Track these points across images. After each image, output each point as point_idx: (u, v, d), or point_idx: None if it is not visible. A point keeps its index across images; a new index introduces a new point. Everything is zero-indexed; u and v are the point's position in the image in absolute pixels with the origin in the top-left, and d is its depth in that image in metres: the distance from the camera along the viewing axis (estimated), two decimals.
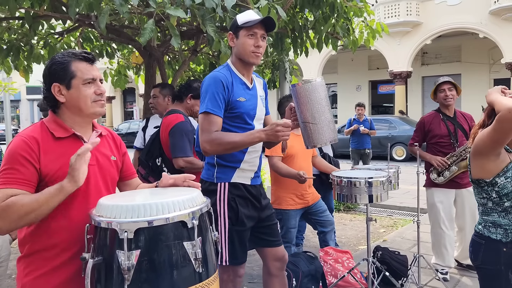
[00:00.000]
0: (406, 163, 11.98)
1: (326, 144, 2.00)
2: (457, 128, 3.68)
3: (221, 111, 2.14)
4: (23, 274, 1.51)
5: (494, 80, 17.52)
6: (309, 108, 1.95)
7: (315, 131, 1.96)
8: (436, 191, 3.73)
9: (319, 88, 1.97)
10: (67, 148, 1.53)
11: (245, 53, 2.17)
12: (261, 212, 2.39)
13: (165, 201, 1.37)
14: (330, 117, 1.98)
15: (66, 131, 1.55)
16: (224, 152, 2.15)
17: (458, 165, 3.58)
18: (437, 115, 3.77)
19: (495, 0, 14.46)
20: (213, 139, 2.08)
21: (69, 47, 5.33)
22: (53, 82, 1.54)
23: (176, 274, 1.34)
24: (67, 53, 1.58)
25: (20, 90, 13.83)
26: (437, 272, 3.60)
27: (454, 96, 3.68)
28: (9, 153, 1.46)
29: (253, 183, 2.35)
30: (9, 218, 1.38)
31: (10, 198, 1.39)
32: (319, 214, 3.58)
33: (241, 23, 2.15)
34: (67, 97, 1.55)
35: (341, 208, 6.66)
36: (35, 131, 1.52)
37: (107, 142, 1.71)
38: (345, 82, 21.59)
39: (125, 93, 28.24)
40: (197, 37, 4.58)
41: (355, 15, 4.71)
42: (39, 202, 1.39)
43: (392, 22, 16.26)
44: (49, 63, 1.56)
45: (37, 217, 1.42)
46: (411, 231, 5.14)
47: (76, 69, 1.55)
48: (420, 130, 3.82)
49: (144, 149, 3.23)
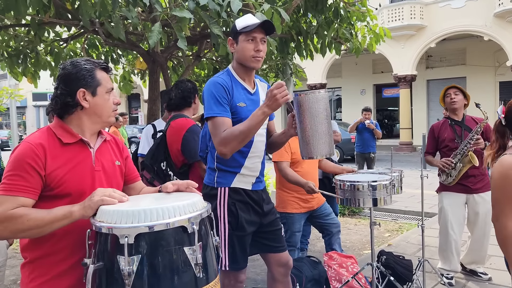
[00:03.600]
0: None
1: (322, 157, 1.98)
2: (464, 130, 3.67)
3: (227, 112, 2.12)
4: (28, 280, 1.51)
5: (499, 82, 17.44)
6: (308, 119, 1.94)
7: (312, 143, 1.95)
8: (446, 195, 3.71)
9: (321, 101, 1.95)
10: (74, 154, 1.55)
11: (246, 58, 2.16)
12: (263, 218, 2.37)
13: (165, 206, 1.37)
14: (328, 130, 1.96)
15: (74, 136, 1.56)
16: (241, 145, 2.08)
17: (462, 161, 3.57)
18: (445, 121, 3.79)
19: (500, 3, 14.40)
20: (224, 138, 2.05)
21: (74, 53, 5.38)
22: (80, 87, 1.55)
23: (177, 279, 1.34)
24: (88, 60, 1.60)
25: (26, 96, 13.96)
26: (442, 277, 3.57)
27: (460, 100, 3.68)
28: (15, 159, 1.46)
29: (255, 188, 2.33)
30: (12, 228, 1.39)
31: (19, 208, 1.40)
32: (324, 218, 3.57)
33: (240, 28, 2.14)
34: (91, 103, 1.57)
35: (345, 213, 6.64)
36: (42, 137, 1.52)
37: (111, 147, 1.72)
38: (350, 86, 21.57)
39: (130, 98, 28.41)
40: (201, 42, 4.61)
41: (358, 20, 4.72)
42: (44, 221, 1.40)
43: (396, 26, 16.26)
44: (74, 68, 1.55)
45: (38, 234, 1.43)
46: (416, 235, 5.11)
47: (101, 78, 1.59)
48: (431, 138, 3.84)
49: (149, 153, 3.22)
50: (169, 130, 3.09)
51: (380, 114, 21.70)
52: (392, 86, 19.99)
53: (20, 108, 28.04)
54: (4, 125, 32.78)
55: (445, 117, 3.85)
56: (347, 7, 4.51)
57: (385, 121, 23.82)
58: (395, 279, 3.21)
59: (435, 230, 3.83)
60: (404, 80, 17.19)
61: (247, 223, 2.28)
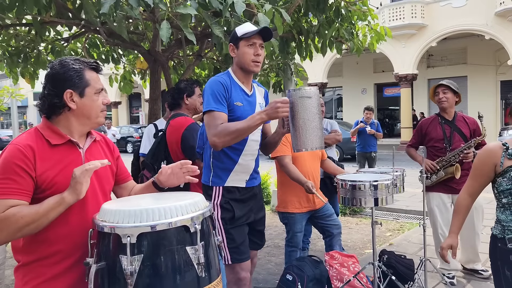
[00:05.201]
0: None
1: (312, 149, 2.08)
2: (454, 131, 3.64)
3: (225, 108, 2.25)
4: (22, 282, 1.49)
5: (500, 82, 17.41)
6: (300, 113, 2.04)
7: (303, 136, 2.05)
8: (432, 195, 3.72)
9: (312, 96, 2.06)
10: (64, 155, 1.52)
11: (246, 62, 2.31)
12: (256, 214, 2.52)
13: (167, 206, 1.37)
14: (319, 125, 2.07)
15: (62, 137, 1.53)
16: (234, 141, 2.21)
17: (445, 170, 3.57)
18: (436, 118, 3.75)
19: (501, 2, 14.38)
20: (220, 131, 2.16)
21: (75, 53, 5.37)
22: (67, 88, 1.51)
23: (179, 278, 1.34)
24: (77, 60, 1.57)
25: (27, 96, 13.96)
26: (443, 277, 3.56)
27: (448, 99, 3.62)
28: (3, 162, 1.41)
29: (249, 185, 2.45)
30: (7, 229, 1.37)
31: (9, 209, 1.38)
32: (326, 218, 3.56)
33: (240, 34, 2.29)
34: (78, 104, 1.54)
35: (347, 212, 6.64)
36: (30, 138, 1.49)
37: (101, 148, 1.71)
38: (351, 85, 21.56)
39: (131, 98, 28.42)
40: (202, 42, 4.61)
41: (359, 19, 4.72)
42: (39, 214, 1.39)
43: (397, 25, 16.24)
44: (61, 68, 1.52)
45: (36, 229, 1.41)
46: (418, 235, 5.10)
47: (90, 78, 1.56)
48: (418, 133, 3.82)
49: (149, 152, 3.24)
50: (169, 129, 3.11)
51: (381, 113, 21.68)
52: (393, 85, 19.98)
53: (21, 107, 28.07)
54: (5, 125, 32.80)
55: (436, 114, 3.81)
56: (348, 6, 4.50)
57: (386, 120, 23.82)
58: (397, 279, 3.21)
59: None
60: (405, 79, 17.18)
61: (242, 216, 2.41)
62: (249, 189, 2.45)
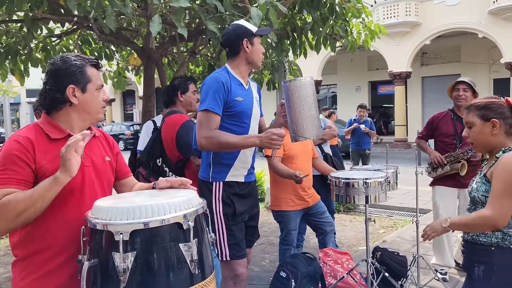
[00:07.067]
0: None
1: (309, 138, 2.10)
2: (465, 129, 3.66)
3: (220, 110, 2.27)
4: (19, 278, 1.50)
5: (493, 80, 17.52)
6: (297, 103, 2.06)
7: (300, 126, 2.07)
8: (438, 189, 3.73)
9: (308, 87, 2.07)
10: None
11: (258, 59, 2.40)
12: (252, 209, 2.55)
13: (160, 203, 1.36)
14: (315, 114, 2.09)
15: (62, 132, 1.55)
16: (217, 150, 2.29)
17: (452, 165, 3.58)
18: (448, 114, 3.76)
19: (494, 0, 14.46)
20: (211, 136, 2.20)
21: (67, 49, 5.33)
22: (70, 84, 1.53)
23: (172, 276, 1.34)
24: (78, 56, 1.59)
25: (20, 93, 13.86)
26: (436, 273, 3.59)
27: (467, 97, 3.60)
28: (3, 154, 1.44)
29: (247, 180, 2.50)
30: (6, 216, 1.37)
31: (5, 196, 1.38)
32: (319, 216, 3.56)
33: (255, 31, 2.35)
34: (80, 100, 1.56)
35: (341, 209, 6.66)
36: (29, 132, 1.51)
37: (101, 143, 1.71)
38: (345, 83, 21.59)
39: (125, 95, 28.27)
40: (196, 38, 4.59)
41: (353, 16, 4.72)
42: (34, 198, 1.38)
43: (391, 23, 16.26)
44: (64, 64, 1.54)
45: (35, 213, 1.40)
46: (411, 232, 5.13)
47: (91, 74, 1.58)
48: (429, 126, 3.84)
49: (145, 149, 3.23)
50: (164, 126, 3.11)
51: (375, 111, 21.72)
52: (387, 83, 20.03)
53: (14, 104, 27.81)
54: None
55: (449, 109, 3.81)
56: (342, 3, 4.50)
57: (376, 117, 23.86)
58: (390, 275, 3.23)
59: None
60: (399, 77, 17.23)
61: (243, 212, 2.45)
62: (246, 183, 2.49)
